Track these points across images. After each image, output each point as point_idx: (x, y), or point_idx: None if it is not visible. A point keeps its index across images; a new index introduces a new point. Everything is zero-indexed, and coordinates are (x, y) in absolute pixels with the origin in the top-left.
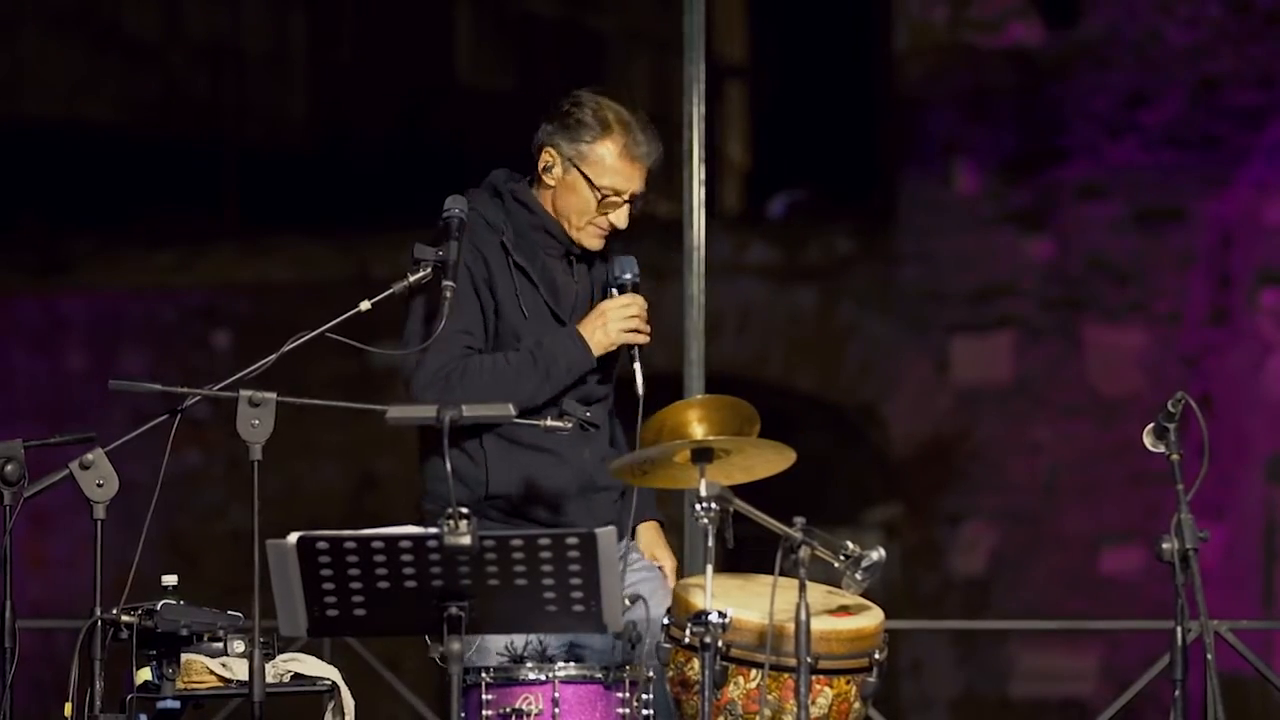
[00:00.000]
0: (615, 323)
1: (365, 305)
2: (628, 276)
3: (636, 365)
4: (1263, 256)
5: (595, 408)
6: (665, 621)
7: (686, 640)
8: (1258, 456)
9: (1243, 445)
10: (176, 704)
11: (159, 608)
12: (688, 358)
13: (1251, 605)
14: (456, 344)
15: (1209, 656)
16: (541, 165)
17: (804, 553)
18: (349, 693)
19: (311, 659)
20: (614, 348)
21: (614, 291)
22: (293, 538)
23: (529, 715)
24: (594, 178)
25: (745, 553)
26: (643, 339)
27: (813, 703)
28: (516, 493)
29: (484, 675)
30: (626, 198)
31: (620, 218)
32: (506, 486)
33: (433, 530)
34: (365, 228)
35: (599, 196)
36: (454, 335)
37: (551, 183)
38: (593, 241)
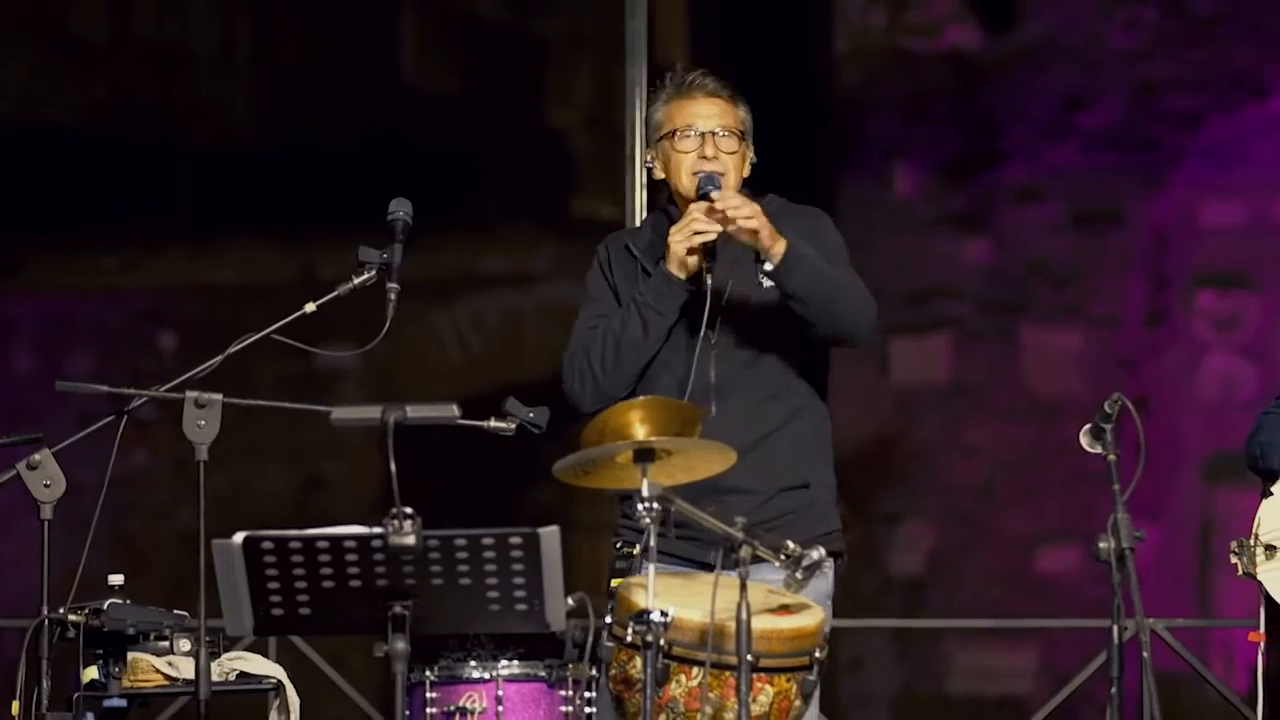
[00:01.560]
0: (674, 236)
1: (310, 307)
2: (709, 188)
3: (707, 276)
4: (1198, 258)
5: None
6: (607, 620)
7: (629, 639)
8: (1193, 457)
9: (1178, 446)
10: (123, 702)
11: (106, 607)
12: None
13: (1187, 604)
14: (583, 329)
15: (1145, 654)
16: (658, 176)
17: (745, 552)
18: (294, 691)
19: (257, 657)
20: (686, 260)
21: None
22: (238, 537)
23: (473, 713)
24: (663, 132)
25: None
26: (699, 239)
27: (754, 700)
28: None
29: (428, 673)
30: (700, 130)
31: (709, 150)
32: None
33: (376, 530)
34: (311, 230)
35: (672, 142)
36: (582, 323)
37: (662, 175)
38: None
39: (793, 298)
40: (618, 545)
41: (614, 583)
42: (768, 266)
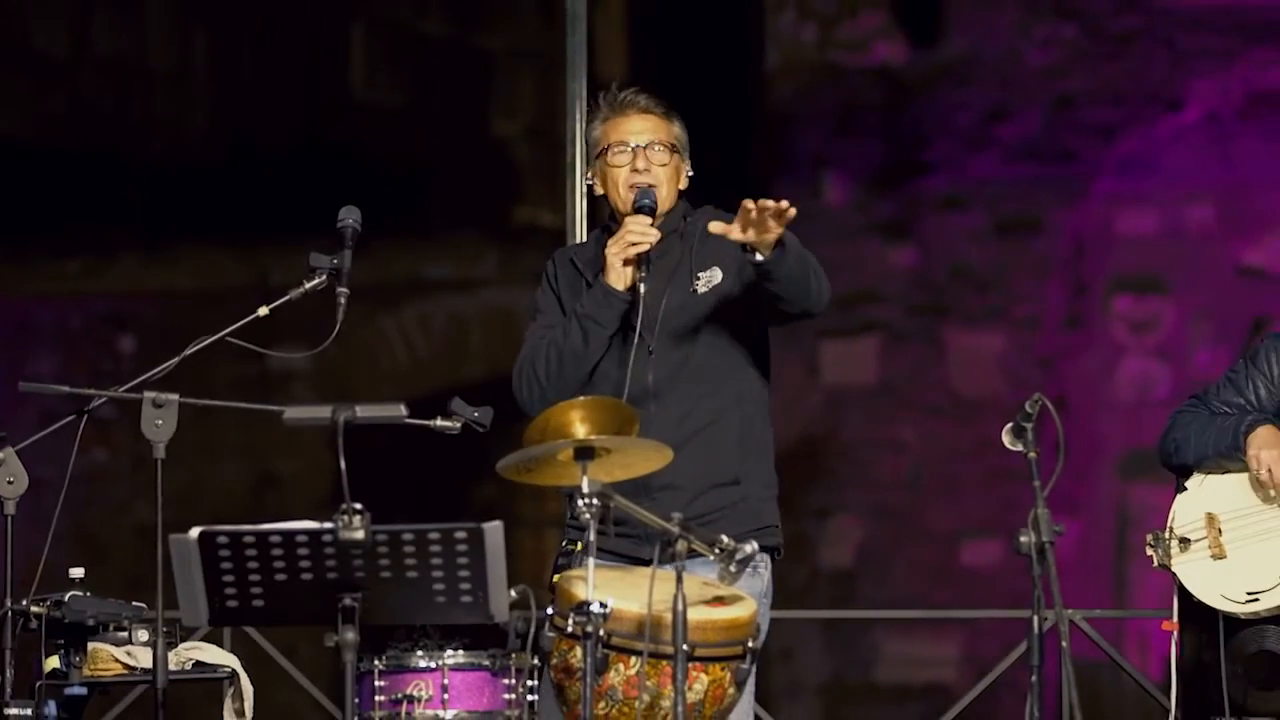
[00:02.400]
0: (610, 249)
1: (263, 311)
2: (645, 201)
3: (640, 284)
4: (1115, 264)
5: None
6: (549, 612)
7: (569, 629)
8: (1110, 455)
9: (1096, 444)
10: (83, 690)
11: (67, 599)
12: None
13: (1104, 595)
14: (532, 339)
15: (1064, 644)
16: (598, 193)
17: (681, 546)
18: (248, 679)
19: (212, 647)
20: (623, 271)
21: None
22: (194, 532)
23: (419, 700)
24: (599, 150)
25: None
26: (634, 250)
27: (689, 688)
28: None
29: (376, 662)
30: (632, 145)
31: (640, 163)
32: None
33: (327, 525)
34: (264, 237)
35: (606, 158)
36: (531, 333)
37: (602, 192)
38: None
39: (779, 280)
40: (564, 543)
41: (554, 578)
42: (759, 257)
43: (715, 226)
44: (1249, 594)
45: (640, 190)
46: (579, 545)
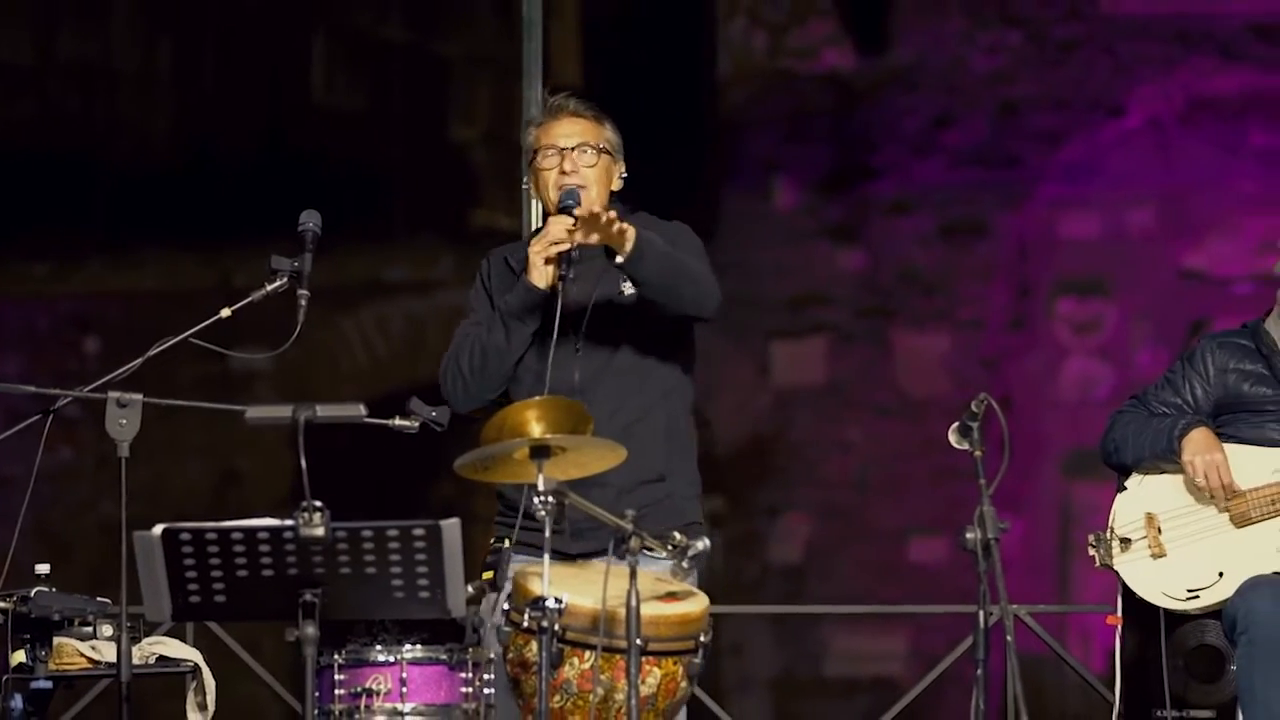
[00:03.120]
0: (533, 248)
1: (225, 312)
2: (569, 202)
3: (560, 283)
4: (1058, 267)
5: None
6: (505, 607)
7: (525, 624)
8: (1054, 453)
9: (1040, 443)
10: (49, 684)
11: (33, 594)
12: None
13: (1048, 590)
14: (460, 334)
15: (1009, 638)
16: (534, 197)
17: (634, 543)
18: (210, 673)
19: (175, 642)
20: (545, 270)
21: None
22: (158, 529)
23: (378, 694)
24: (531, 154)
25: None
26: (554, 249)
27: (643, 682)
28: (511, 494)
29: (336, 657)
30: (561, 147)
31: (568, 165)
32: (503, 487)
33: (288, 522)
34: (227, 240)
35: (537, 161)
36: (461, 329)
37: (536, 194)
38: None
39: (644, 283)
40: (492, 540)
41: (485, 575)
42: (619, 260)
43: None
44: (1189, 591)
45: (565, 191)
46: (507, 542)
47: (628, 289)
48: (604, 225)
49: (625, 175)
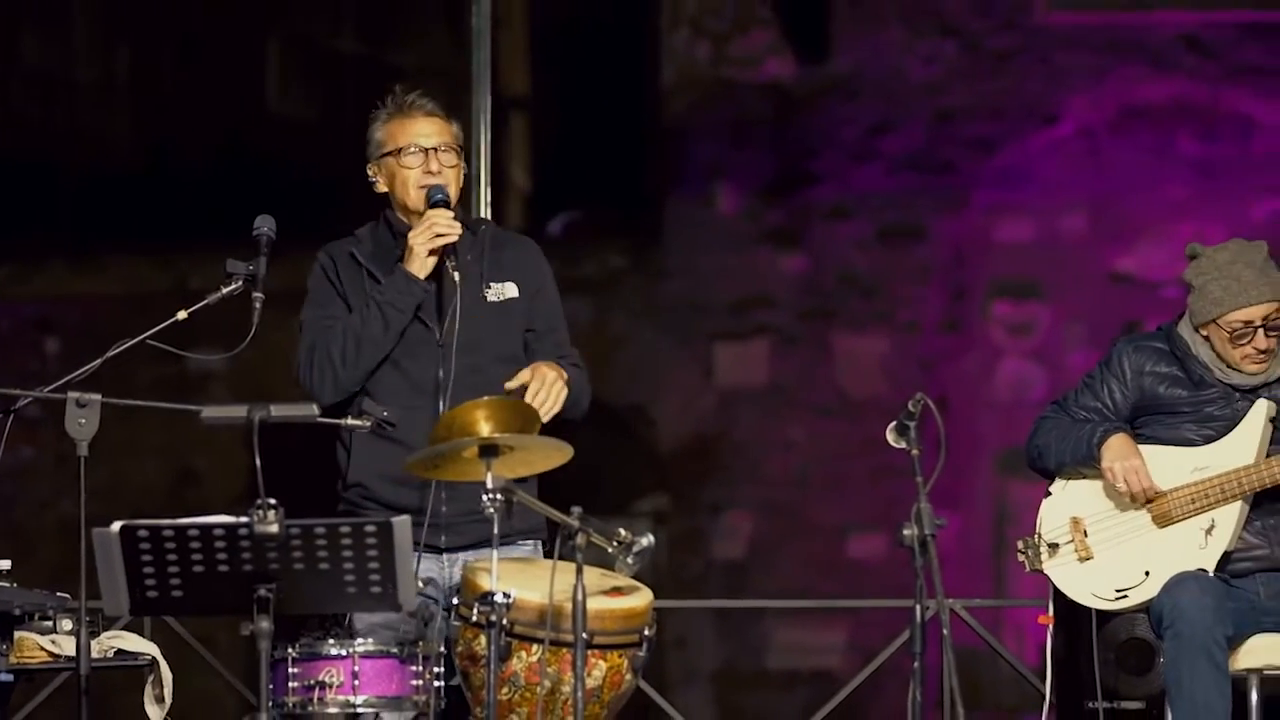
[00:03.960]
0: (416, 239)
1: (182, 315)
2: (439, 197)
3: (454, 272)
4: (993, 271)
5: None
6: (455, 601)
7: (474, 618)
8: (988, 451)
9: (975, 442)
10: (10, 677)
11: None
12: None
13: (983, 585)
14: (317, 326)
15: (945, 632)
16: (380, 190)
17: (580, 539)
18: (167, 666)
19: (133, 636)
20: (426, 261)
21: None
22: (116, 526)
23: (331, 686)
24: (386, 150)
25: None
26: (440, 241)
27: (589, 674)
28: (372, 481)
29: (290, 650)
30: (423, 146)
31: (433, 166)
32: (362, 475)
33: (243, 519)
34: (184, 244)
35: (398, 159)
36: (315, 321)
37: (385, 189)
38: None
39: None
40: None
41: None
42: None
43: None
44: (1118, 591)
45: (433, 187)
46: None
47: (491, 297)
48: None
49: (466, 172)
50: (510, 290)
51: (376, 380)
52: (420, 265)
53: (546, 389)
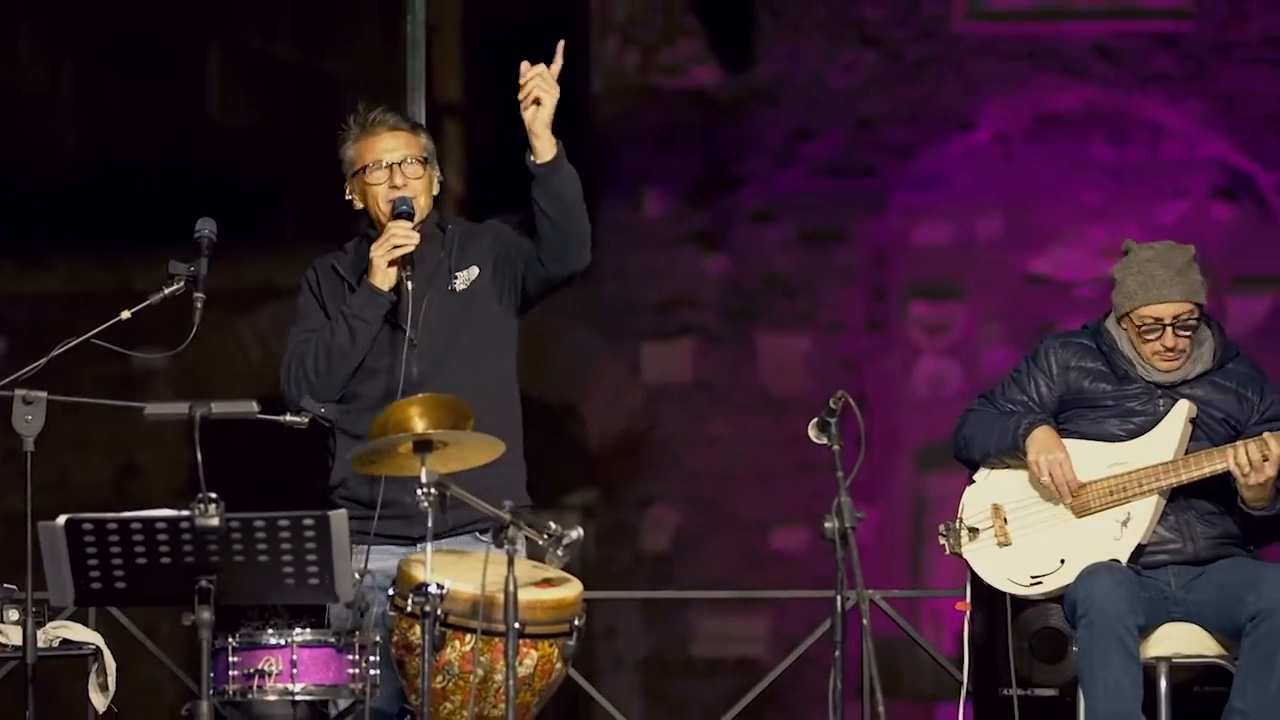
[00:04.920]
0: (375, 251)
1: (125, 314)
2: (403, 209)
3: (407, 282)
4: (912, 272)
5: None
6: (390, 593)
7: (409, 609)
8: (907, 448)
9: (894, 438)
10: None
11: None
12: None
13: (901, 577)
14: (298, 338)
15: (865, 621)
16: (358, 207)
17: (512, 532)
18: (111, 656)
19: (78, 626)
20: (388, 272)
21: None
22: (61, 519)
23: (270, 675)
24: (356, 168)
25: None
26: (399, 252)
27: (520, 663)
28: (351, 480)
29: (230, 640)
30: (387, 162)
31: (398, 180)
32: (344, 474)
33: (184, 513)
34: (128, 246)
35: (365, 176)
36: (297, 334)
37: (361, 205)
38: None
39: (553, 196)
40: None
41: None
42: (536, 160)
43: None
44: (1033, 577)
45: (399, 199)
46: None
47: (459, 285)
48: (546, 106)
49: (442, 179)
50: (473, 273)
51: (360, 384)
52: (382, 276)
53: (548, 78)
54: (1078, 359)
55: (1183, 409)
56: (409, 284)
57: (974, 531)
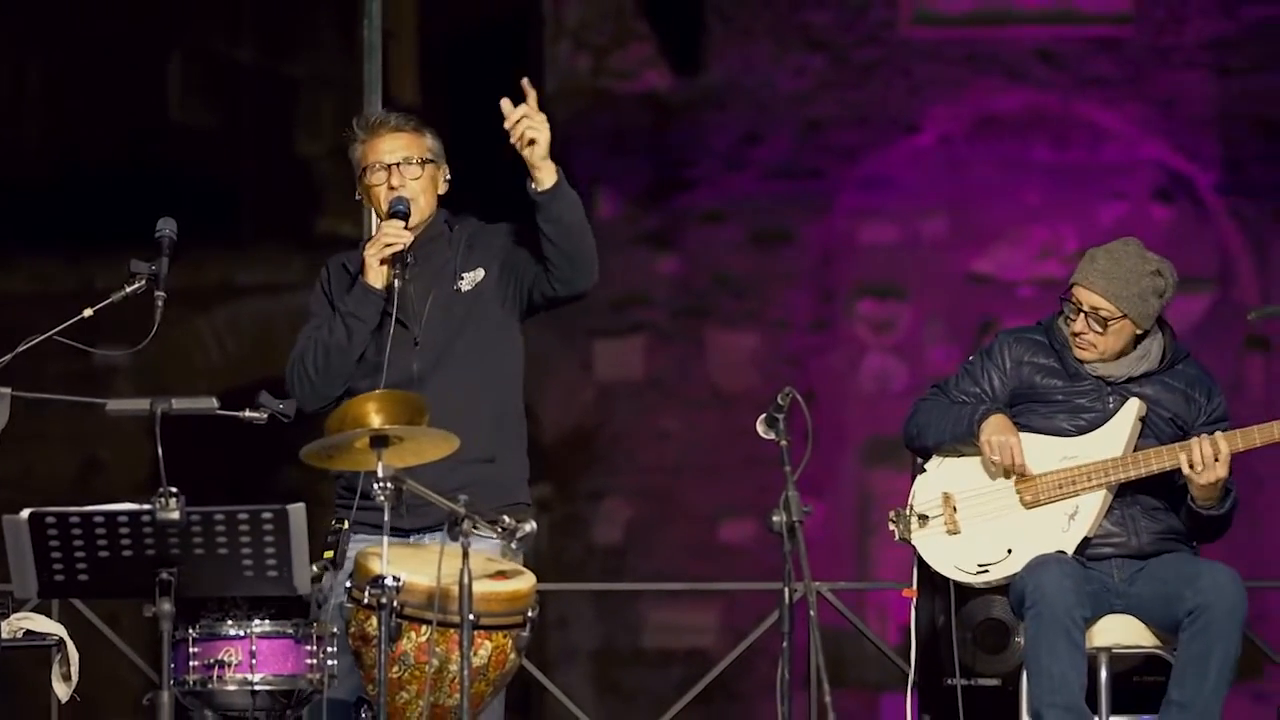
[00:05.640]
0: (368, 251)
1: (88, 312)
2: (398, 208)
3: (396, 281)
4: (858, 272)
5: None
6: (347, 585)
7: (365, 600)
8: (853, 443)
9: (840, 433)
10: None
11: None
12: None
13: (848, 569)
14: (305, 336)
15: (812, 613)
16: (368, 208)
17: (467, 525)
18: (74, 646)
19: (41, 618)
20: (380, 271)
21: None
22: (25, 513)
23: (230, 665)
24: (359, 171)
25: None
26: (389, 251)
27: (475, 654)
28: (350, 476)
29: (190, 631)
30: (386, 164)
31: (395, 180)
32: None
33: (146, 507)
34: (90, 245)
35: (366, 178)
36: (306, 332)
37: (370, 206)
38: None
39: (556, 221)
40: (333, 521)
41: (326, 554)
42: (538, 188)
43: (505, 106)
44: (980, 565)
45: (395, 198)
46: (345, 524)
47: (465, 286)
48: (541, 142)
49: (450, 178)
50: (479, 274)
51: (364, 380)
52: (375, 275)
53: (535, 114)
54: (1030, 354)
55: (1133, 407)
56: (397, 282)
57: (924, 519)
